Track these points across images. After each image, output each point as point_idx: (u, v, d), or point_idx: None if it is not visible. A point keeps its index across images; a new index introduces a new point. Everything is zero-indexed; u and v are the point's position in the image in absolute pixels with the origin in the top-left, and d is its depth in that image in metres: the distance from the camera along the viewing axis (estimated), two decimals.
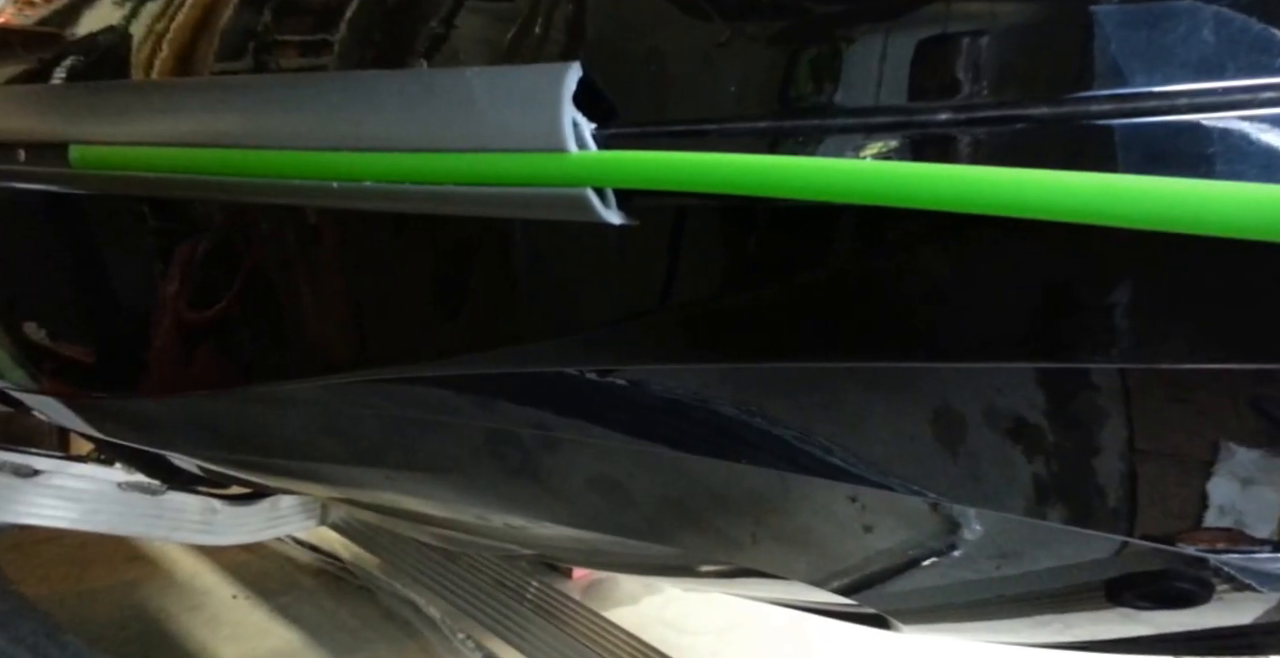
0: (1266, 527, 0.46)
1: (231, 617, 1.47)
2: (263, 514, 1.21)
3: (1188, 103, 0.33)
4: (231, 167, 0.48)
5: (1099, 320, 0.40)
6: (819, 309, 0.44)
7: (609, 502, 0.65)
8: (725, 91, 0.41)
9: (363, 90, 0.45)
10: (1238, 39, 0.33)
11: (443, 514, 0.90)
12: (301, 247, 0.58)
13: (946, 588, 0.63)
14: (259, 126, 0.48)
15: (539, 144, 0.41)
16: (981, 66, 0.37)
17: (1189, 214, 0.30)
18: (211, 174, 0.49)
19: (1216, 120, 0.33)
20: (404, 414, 0.67)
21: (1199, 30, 0.33)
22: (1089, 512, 0.50)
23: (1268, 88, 0.32)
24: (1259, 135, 0.32)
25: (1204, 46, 0.33)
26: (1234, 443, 0.45)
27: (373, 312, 0.59)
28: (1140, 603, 0.54)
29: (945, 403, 0.50)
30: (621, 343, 0.50)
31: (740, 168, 0.38)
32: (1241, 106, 0.32)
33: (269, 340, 0.65)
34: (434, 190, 0.43)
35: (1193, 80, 0.33)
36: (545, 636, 1.33)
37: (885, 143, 0.37)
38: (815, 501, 0.58)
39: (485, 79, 0.42)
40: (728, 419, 0.54)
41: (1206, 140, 0.33)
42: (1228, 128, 0.32)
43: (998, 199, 0.33)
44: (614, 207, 0.42)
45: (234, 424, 0.79)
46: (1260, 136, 0.32)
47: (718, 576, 0.79)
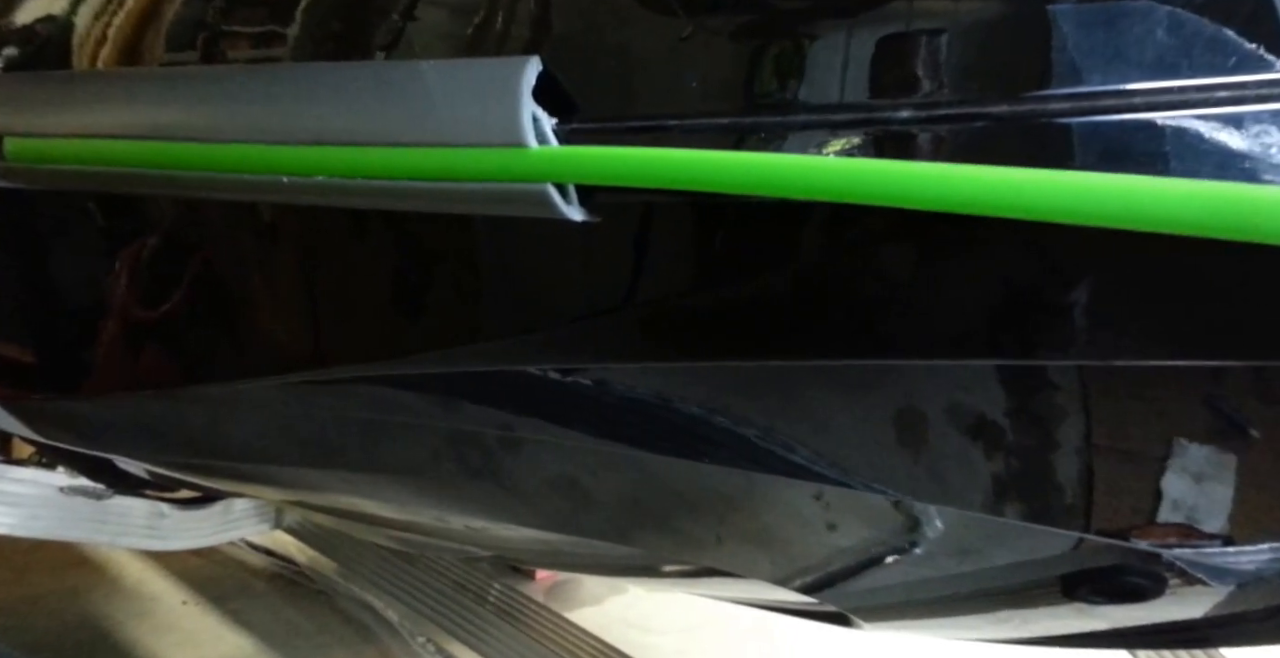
0: (1218, 522, 0.47)
1: (181, 623, 1.43)
2: (214, 518, 1.18)
3: (1144, 102, 0.34)
4: (177, 161, 0.46)
5: (1057, 318, 0.40)
6: (781, 307, 0.44)
7: (572, 503, 0.65)
8: (688, 87, 0.41)
9: (315, 83, 0.43)
10: (1192, 39, 0.33)
11: (402, 517, 0.88)
12: (251, 242, 0.57)
13: (908, 585, 0.63)
14: (206, 119, 0.46)
15: (498, 139, 0.40)
16: (943, 64, 0.37)
17: (1144, 211, 0.30)
18: (156, 168, 0.48)
19: (1171, 119, 0.33)
20: (362, 415, 0.65)
21: (1154, 30, 0.33)
22: (1047, 508, 0.51)
23: (1221, 87, 0.33)
24: (1213, 134, 0.33)
25: (1159, 46, 0.33)
26: (1187, 440, 0.46)
27: (326, 309, 0.57)
28: (1095, 598, 0.55)
29: (908, 402, 0.50)
30: (583, 341, 0.50)
31: (702, 164, 0.37)
32: (1196, 106, 0.33)
33: (219, 339, 0.63)
34: (389, 186, 0.42)
35: (1148, 79, 0.34)
36: (507, 638, 1.32)
37: (848, 140, 0.38)
38: (779, 500, 0.58)
39: (442, 72, 0.41)
40: (691, 419, 0.54)
41: (1161, 139, 0.33)
42: (1182, 127, 0.33)
43: (958, 196, 0.33)
44: (575, 203, 0.41)
45: (183, 426, 0.77)
46: (1214, 136, 0.33)
47: (682, 575, 0.79)
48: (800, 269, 0.42)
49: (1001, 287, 0.41)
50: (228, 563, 1.58)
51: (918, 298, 0.42)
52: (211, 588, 1.51)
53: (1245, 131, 0.32)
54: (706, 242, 0.44)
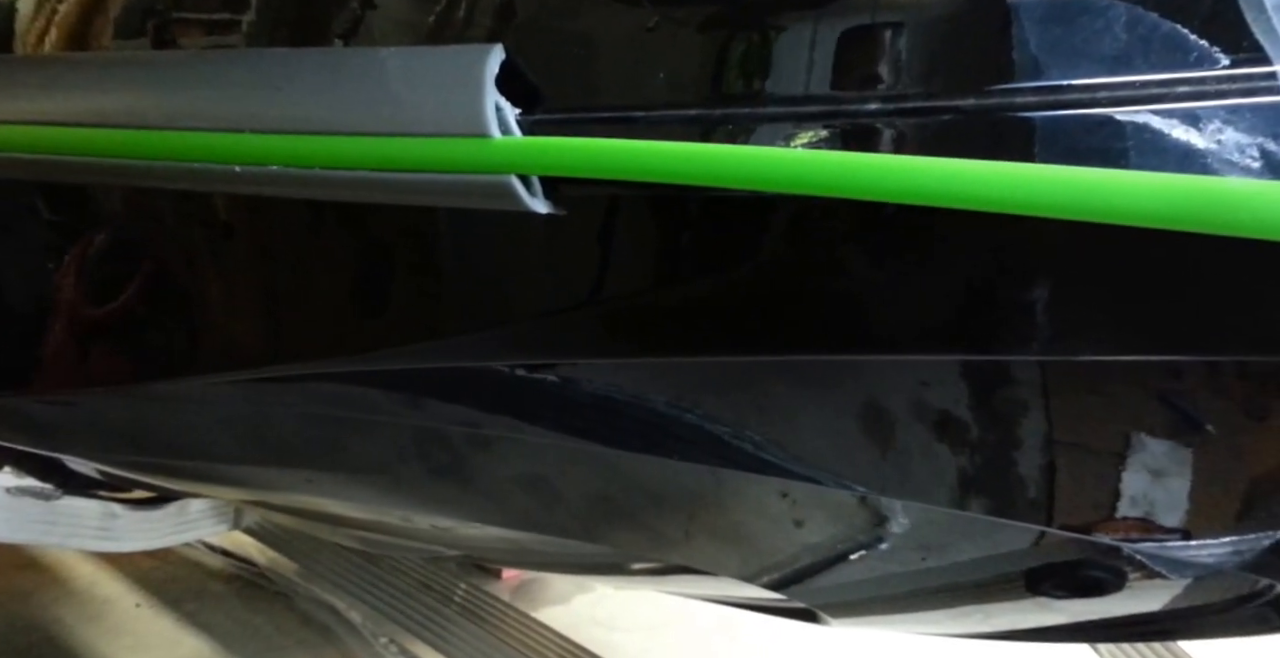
0: (1175, 516, 0.48)
1: (134, 626, 1.39)
2: (169, 519, 1.15)
3: (1105, 96, 0.34)
4: (126, 148, 0.45)
5: (1018, 313, 0.40)
6: (746, 303, 0.43)
7: (540, 501, 0.64)
8: (654, 78, 0.40)
9: (271, 69, 0.42)
10: (1150, 36, 0.34)
11: (366, 516, 0.87)
12: (204, 234, 0.55)
13: (873, 581, 0.64)
14: (156, 105, 0.45)
15: (460, 129, 0.39)
16: (910, 58, 0.37)
17: (1102, 204, 0.31)
18: (104, 156, 0.46)
19: (1131, 114, 0.34)
20: (324, 412, 0.64)
21: (1113, 26, 0.34)
22: (1010, 503, 0.51)
23: (1180, 83, 0.33)
24: (1171, 129, 0.33)
25: (1118, 42, 0.34)
26: (1145, 435, 0.47)
27: (283, 304, 0.56)
28: (1058, 592, 0.56)
29: (873, 398, 0.50)
30: (549, 337, 0.49)
31: (667, 156, 0.37)
32: (1155, 101, 0.33)
33: (172, 334, 0.62)
34: (346, 176, 0.40)
35: (1108, 74, 0.34)
36: (471, 638, 1.31)
37: (815, 132, 0.37)
38: (747, 497, 0.58)
39: (403, 60, 0.40)
40: (659, 415, 0.53)
41: (1121, 133, 0.34)
42: (1141, 121, 0.33)
43: (924, 189, 0.33)
44: (540, 195, 0.41)
45: (137, 425, 0.74)
46: (1172, 130, 0.33)
47: (651, 573, 0.79)
48: (766, 264, 0.42)
49: (963, 282, 0.41)
50: (184, 565, 1.54)
51: (881, 293, 0.42)
52: (167, 591, 1.47)
53: (1203, 126, 0.33)
54: (673, 236, 0.44)
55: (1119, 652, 1.16)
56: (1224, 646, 1.09)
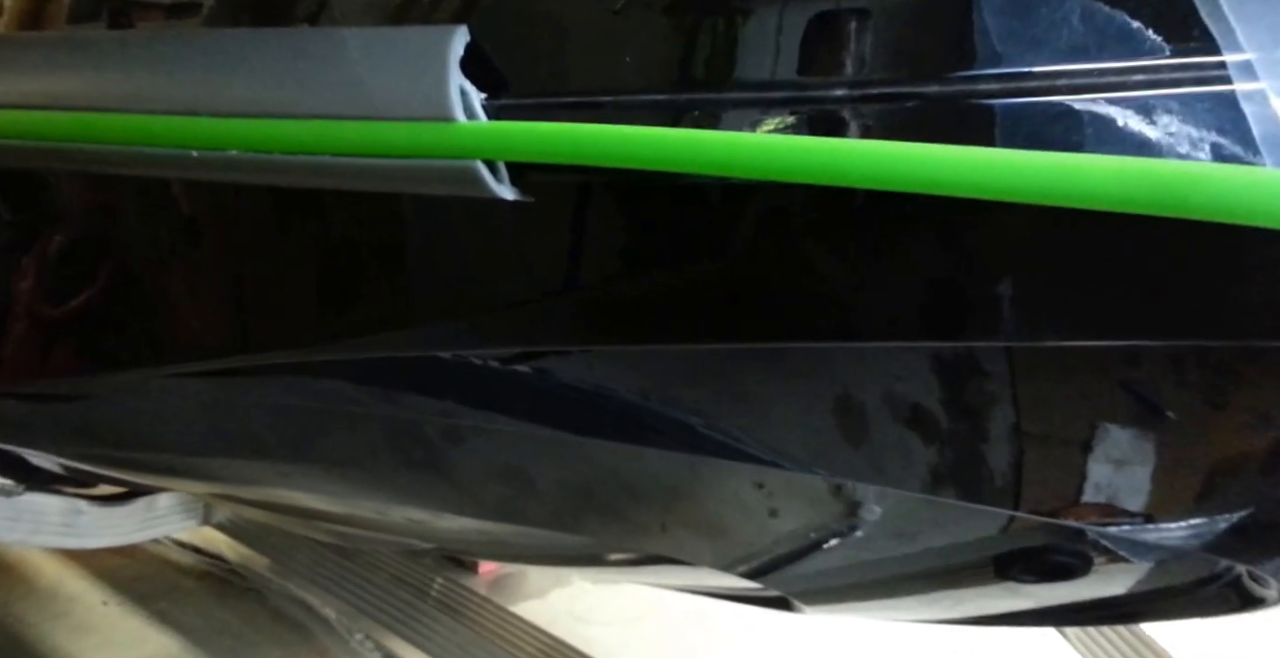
0: (1138, 500, 0.48)
1: (101, 624, 1.37)
2: (136, 515, 1.13)
3: (1062, 84, 0.35)
4: (80, 132, 0.43)
5: (983, 299, 0.41)
6: (716, 290, 0.43)
7: (515, 492, 0.64)
8: (620, 63, 0.40)
9: (230, 50, 0.41)
10: (1106, 25, 0.34)
11: (339, 510, 0.86)
12: (166, 221, 0.54)
13: (847, 569, 0.64)
14: (110, 88, 0.43)
15: (424, 113, 0.38)
16: (875, 44, 0.37)
17: (1056, 187, 0.31)
18: (55, 140, 0.45)
19: (1087, 101, 0.34)
20: (294, 404, 0.63)
21: (1070, 15, 0.34)
22: (979, 489, 0.52)
23: (1135, 72, 0.34)
24: (1126, 117, 0.33)
25: (1075, 31, 0.34)
26: (1109, 423, 0.48)
27: (248, 292, 0.55)
28: (1026, 577, 0.57)
29: (846, 387, 0.50)
30: (521, 326, 0.49)
31: (632, 141, 0.37)
32: (1110, 89, 0.34)
33: (135, 323, 0.60)
34: (307, 161, 0.40)
35: (1065, 62, 0.34)
36: (448, 632, 1.30)
37: (782, 118, 0.37)
38: (723, 487, 0.58)
39: (366, 42, 0.39)
40: (634, 405, 0.53)
41: (1079, 120, 0.34)
42: (1098, 109, 0.34)
43: (887, 174, 0.33)
44: (506, 181, 0.40)
45: (101, 418, 0.73)
46: (1127, 118, 0.33)
47: (627, 564, 0.79)
48: (735, 251, 0.42)
49: (932, 269, 0.41)
50: (153, 562, 1.52)
51: (851, 280, 0.42)
52: (135, 588, 1.45)
53: (1156, 114, 0.33)
54: (641, 222, 0.44)
55: (1085, 636, 1.18)
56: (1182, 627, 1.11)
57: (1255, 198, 0.29)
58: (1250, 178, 0.30)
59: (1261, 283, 0.36)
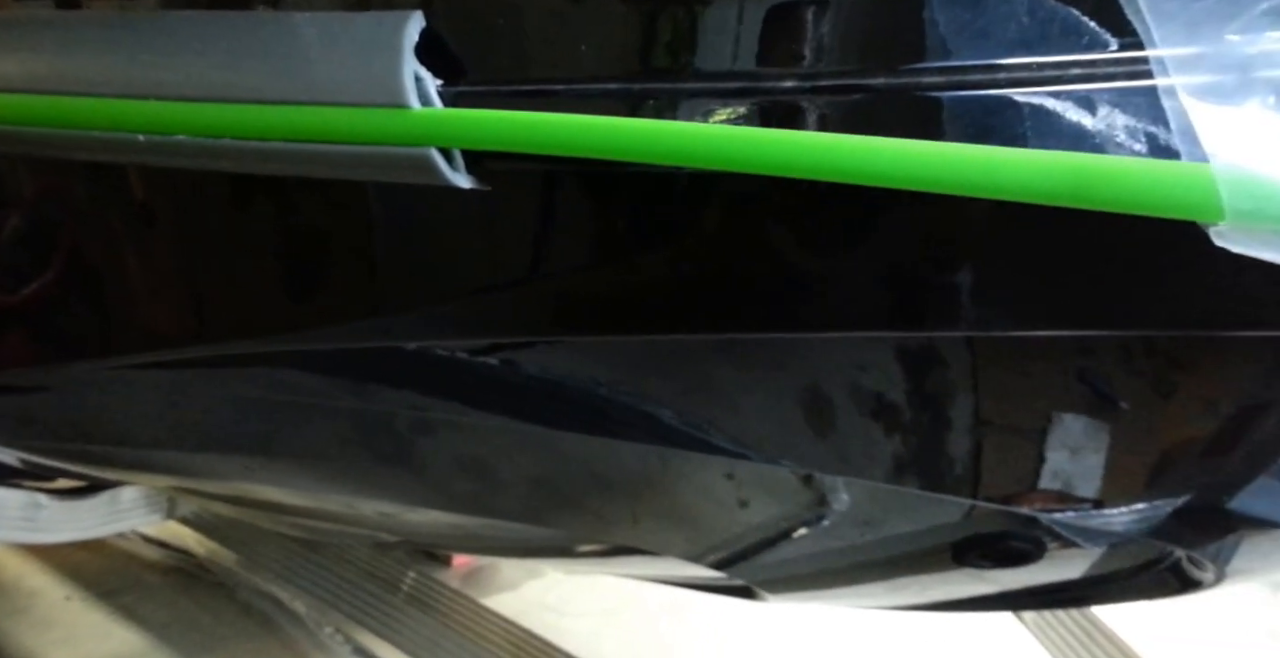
0: (1089, 487, 0.49)
1: (64, 619, 1.35)
2: (99, 509, 1.11)
3: (1005, 77, 0.35)
4: (26, 115, 0.42)
5: (942, 289, 0.41)
6: (671, 281, 0.43)
7: (485, 485, 0.64)
8: (577, 51, 0.40)
9: (178, 31, 0.40)
10: (1050, 19, 0.34)
11: (307, 504, 0.85)
12: (118, 207, 0.53)
13: (811, 557, 0.65)
14: (53, 68, 0.42)
15: (378, 99, 0.38)
16: (826, 36, 0.37)
17: (989, 180, 0.31)
18: (1, 123, 0.43)
19: (1029, 95, 0.34)
20: (260, 397, 0.62)
21: (1017, 9, 0.35)
22: (939, 477, 0.53)
23: (1074, 65, 0.34)
24: (1064, 110, 0.34)
25: (1021, 25, 0.35)
26: (1063, 412, 0.49)
27: (206, 280, 0.54)
28: (982, 563, 0.58)
29: (812, 379, 0.51)
30: (483, 315, 0.48)
31: (585, 129, 0.37)
32: (1051, 82, 0.34)
33: (89, 312, 0.59)
34: (258, 147, 0.39)
35: (1011, 56, 0.35)
36: (418, 626, 1.30)
37: (734, 109, 0.38)
38: (693, 478, 0.58)
39: (319, 25, 0.39)
40: (603, 396, 0.53)
41: (1020, 113, 0.35)
42: (1038, 102, 0.34)
43: (832, 165, 0.33)
44: (462, 169, 0.40)
45: (57, 410, 0.72)
46: (1065, 111, 0.34)
47: (597, 555, 0.79)
48: (691, 240, 0.42)
49: (890, 259, 0.41)
50: (118, 557, 1.50)
51: (812, 268, 0.42)
52: (99, 583, 1.43)
53: (1094, 108, 0.34)
54: (600, 212, 0.43)
55: (1041, 620, 1.21)
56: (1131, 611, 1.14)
57: (1153, 191, 0.30)
58: (1152, 171, 0.31)
59: (1195, 275, 0.37)
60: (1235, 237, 0.29)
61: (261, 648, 1.34)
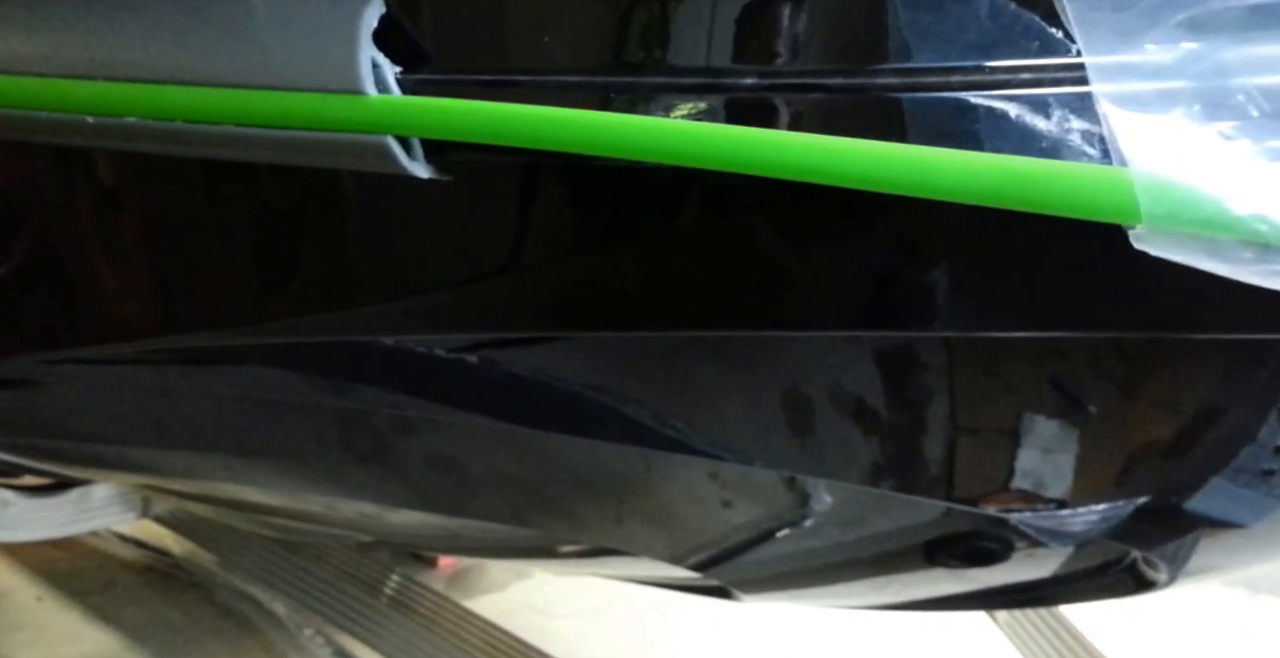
0: (1056, 488, 0.49)
1: (34, 620, 1.33)
2: (69, 507, 1.10)
3: (959, 81, 0.35)
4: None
5: (917, 290, 0.41)
6: (638, 277, 0.43)
7: (465, 485, 0.63)
8: (541, 42, 0.39)
9: (129, 10, 0.39)
10: (1008, 24, 0.35)
11: (284, 504, 0.84)
12: (78, 191, 0.52)
13: (790, 557, 0.65)
14: (2, 48, 0.41)
15: (334, 85, 0.37)
16: (787, 34, 0.37)
17: (935, 182, 0.32)
18: None
19: (984, 98, 0.35)
20: (234, 393, 0.61)
21: (977, 13, 0.35)
22: (915, 479, 0.52)
23: (1027, 69, 0.34)
24: (1015, 113, 0.34)
25: (980, 28, 0.35)
26: (1034, 414, 0.48)
27: (171, 266, 0.53)
28: (953, 562, 0.58)
29: (791, 382, 0.50)
30: (455, 310, 0.48)
31: (542, 121, 0.36)
32: (1005, 86, 0.35)
33: (52, 301, 0.58)
34: (212, 131, 0.38)
35: (968, 59, 0.35)
36: (400, 629, 1.29)
37: (695, 104, 0.37)
38: (676, 479, 0.58)
39: (275, 7, 0.38)
40: (584, 396, 0.53)
41: (974, 116, 0.35)
42: (992, 105, 0.34)
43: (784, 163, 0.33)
44: (420, 159, 0.39)
45: (23, 405, 0.71)
46: (1016, 114, 0.34)
47: (579, 555, 0.78)
48: (660, 237, 0.42)
49: (865, 258, 0.41)
50: (93, 556, 1.48)
51: (783, 267, 0.42)
52: (72, 583, 1.41)
53: (1045, 111, 0.34)
54: (564, 205, 0.43)
55: (1013, 620, 1.21)
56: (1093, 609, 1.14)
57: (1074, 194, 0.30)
58: (1074, 174, 0.31)
59: (1149, 278, 0.37)
60: (1152, 240, 0.30)
61: (239, 650, 1.32)
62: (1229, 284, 0.30)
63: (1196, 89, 0.31)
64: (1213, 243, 0.29)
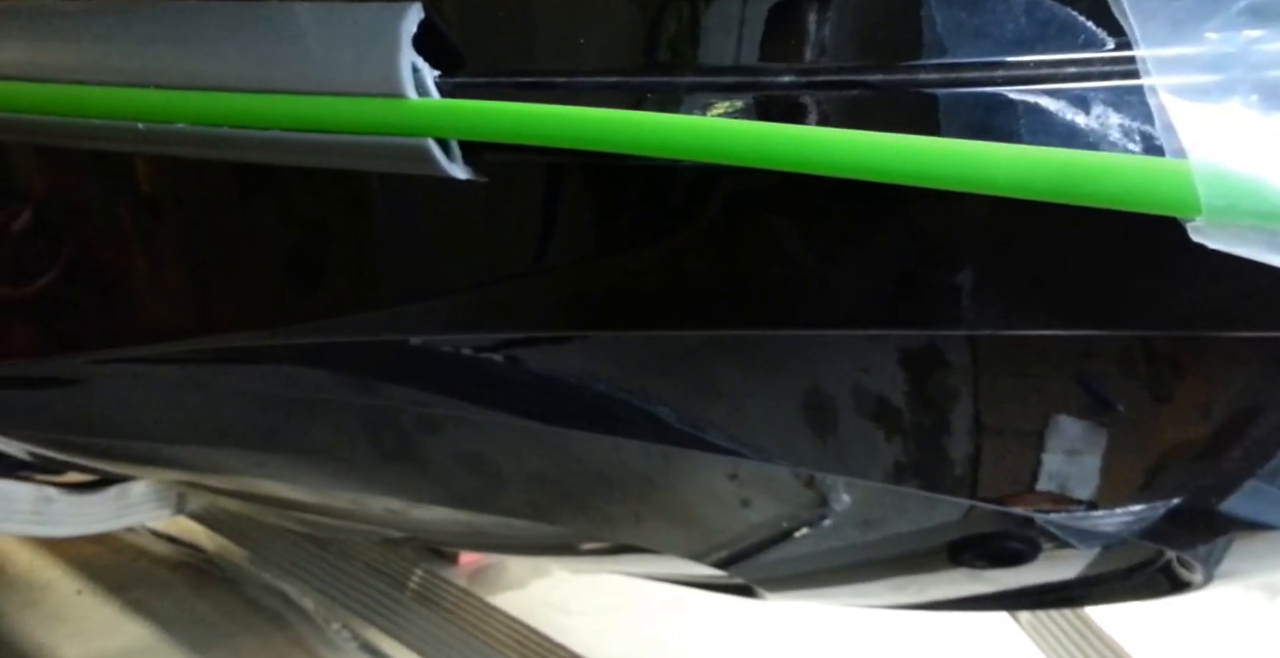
0: (1085, 488, 0.49)
1: (74, 613, 1.36)
2: (109, 503, 1.12)
3: (1002, 75, 0.35)
4: (26, 102, 0.43)
5: (943, 289, 0.41)
6: (667, 276, 0.43)
7: (489, 482, 0.64)
8: (576, 43, 0.40)
9: (179, 20, 0.41)
10: (1047, 18, 0.35)
11: (313, 499, 0.85)
12: (121, 197, 0.53)
13: (813, 556, 0.65)
14: (53, 57, 0.43)
15: (375, 88, 0.38)
16: (825, 33, 0.37)
17: (982, 175, 0.32)
18: (3, 110, 0.44)
19: (1024, 93, 0.35)
20: (266, 391, 0.63)
21: (1014, 7, 0.35)
22: (940, 478, 0.52)
23: (1070, 63, 0.34)
24: (1059, 108, 0.34)
25: (1018, 23, 0.35)
26: (1062, 415, 0.48)
27: (210, 269, 0.54)
28: (978, 563, 0.57)
29: (815, 381, 0.51)
30: (486, 310, 0.49)
31: (583, 122, 0.37)
32: (1046, 81, 0.34)
33: (94, 303, 0.60)
34: (257, 136, 0.39)
35: (1007, 54, 0.35)
36: (425, 623, 1.30)
37: (732, 103, 0.38)
38: (696, 477, 0.58)
39: (318, 15, 0.39)
40: (608, 395, 0.53)
41: (1014, 110, 0.35)
42: (1033, 100, 0.34)
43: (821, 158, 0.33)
44: (459, 160, 0.40)
45: (67, 403, 0.72)
46: (1060, 110, 0.34)
47: (601, 553, 0.79)
48: (691, 236, 0.42)
49: (891, 256, 0.41)
50: (128, 551, 1.51)
51: (811, 266, 0.42)
52: (109, 577, 1.44)
53: (1088, 107, 0.34)
54: (598, 205, 0.44)
55: (1036, 620, 1.20)
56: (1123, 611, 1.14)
57: (1132, 186, 0.30)
58: (1132, 167, 0.31)
59: (1188, 275, 0.37)
60: (1211, 232, 0.29)
61: (269, 644, 1.35)
62: (1273, 279, 0.29)
63: (1258, 79, 0.30)
64: (1274, 236, 0.29)
